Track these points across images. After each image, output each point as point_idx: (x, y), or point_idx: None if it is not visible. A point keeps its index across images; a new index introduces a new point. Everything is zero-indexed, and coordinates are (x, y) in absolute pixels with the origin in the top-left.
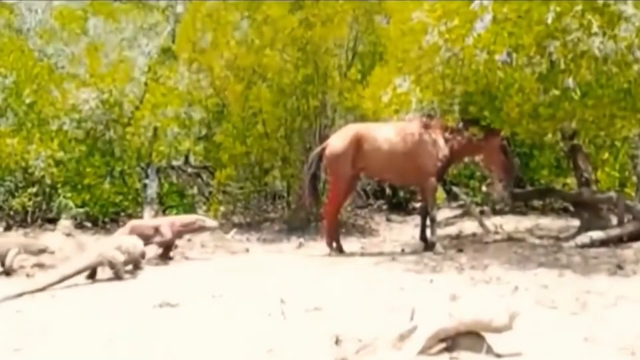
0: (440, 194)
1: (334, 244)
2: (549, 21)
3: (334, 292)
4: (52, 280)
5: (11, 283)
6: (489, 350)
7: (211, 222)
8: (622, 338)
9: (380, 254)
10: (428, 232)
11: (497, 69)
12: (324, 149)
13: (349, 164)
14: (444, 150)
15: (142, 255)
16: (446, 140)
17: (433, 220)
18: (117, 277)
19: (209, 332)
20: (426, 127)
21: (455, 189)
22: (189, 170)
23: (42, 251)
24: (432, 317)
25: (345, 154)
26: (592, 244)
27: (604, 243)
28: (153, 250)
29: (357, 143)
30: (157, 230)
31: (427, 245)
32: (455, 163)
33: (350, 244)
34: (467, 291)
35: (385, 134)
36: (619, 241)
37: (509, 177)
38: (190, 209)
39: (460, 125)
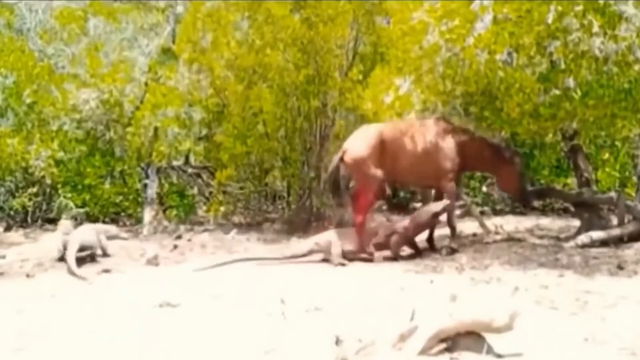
0: None
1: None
2: (550, 21)
3: (334, 292)
4: (271, 256)
5: (12, 283)
6: (489, 351)
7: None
8: (622, 338)
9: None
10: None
11: (498, 69)
12: (343, 156)
13: (377, 166)
14: (457, 154)
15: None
16: (462, 146)
17: (453, 228)
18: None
19: (209, 332)
20: (445, 130)
21: None
22: (189, 170)
23: None
24: (433, 318)
25: (371, 157)
26: (593, 244)
27: (604, 243)
28: (153, 250)
29: (382, 145)
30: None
31: (431, 247)
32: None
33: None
34: (467, 291)
35: (408, 133)
36: (619, 241)
37: (521, 202)
38: (190, 209)
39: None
